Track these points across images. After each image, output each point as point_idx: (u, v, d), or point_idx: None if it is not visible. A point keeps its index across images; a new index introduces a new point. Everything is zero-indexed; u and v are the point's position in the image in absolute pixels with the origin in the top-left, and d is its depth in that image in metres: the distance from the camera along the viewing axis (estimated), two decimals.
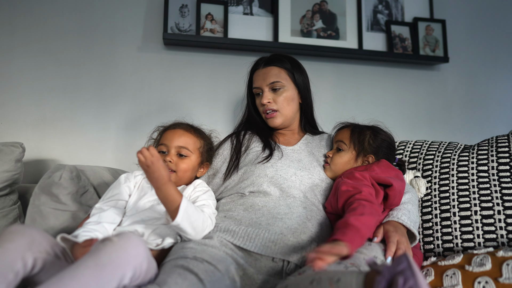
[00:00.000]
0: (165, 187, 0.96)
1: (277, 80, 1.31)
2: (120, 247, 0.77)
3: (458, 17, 2.15)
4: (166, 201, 0.98)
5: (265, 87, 1.32)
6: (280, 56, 1.36)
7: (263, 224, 1.07)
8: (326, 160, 1.29)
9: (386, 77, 2.04)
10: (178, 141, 1.19)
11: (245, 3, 1.88)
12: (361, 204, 1.01)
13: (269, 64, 1.34)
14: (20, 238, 0.83)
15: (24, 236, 0.84)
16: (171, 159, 1.17)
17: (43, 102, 1.72)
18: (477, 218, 1.23)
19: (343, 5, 1.96)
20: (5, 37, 1.72)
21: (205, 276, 0.89)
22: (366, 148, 1.24)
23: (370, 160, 1.24)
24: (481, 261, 0.98)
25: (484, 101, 2.14)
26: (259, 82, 1.34)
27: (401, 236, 1.04)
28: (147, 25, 1.84)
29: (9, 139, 1.63)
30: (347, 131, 1.28)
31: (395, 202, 1.15)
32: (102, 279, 0.73)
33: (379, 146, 1.25)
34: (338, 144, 1.27)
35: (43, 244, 0.86)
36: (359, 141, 1.24)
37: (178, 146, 1.19)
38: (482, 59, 2.16)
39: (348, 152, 1.25)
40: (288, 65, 1.35)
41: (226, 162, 1.32)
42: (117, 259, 0.76)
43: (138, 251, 0.79)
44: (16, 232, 0.84)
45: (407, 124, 2.04)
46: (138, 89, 1.81)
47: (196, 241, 1.03)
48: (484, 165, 1.31)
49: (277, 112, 1.32)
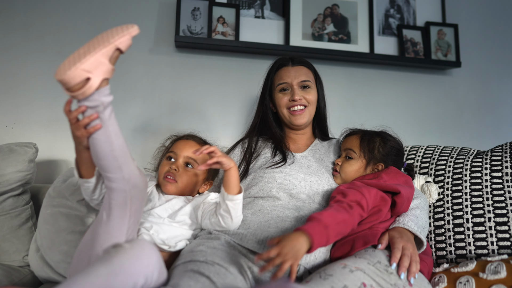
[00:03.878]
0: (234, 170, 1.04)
1: (308, 79, 1.33)
2: (133, 256, 0.76)
3: (471, 22, 2.13)
4: (233, 180, 1.05)
5: (296, 84, 1.32)
6: (304, 59, 1.39)
7: (272, 226, 1.08)
8: (335, 168, 1.27)
9: (397, 81, 2.03)
10: (189, 151, 1.18)
11: (257, 6, 1.89)
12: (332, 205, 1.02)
13: (300, 63, 1.36)
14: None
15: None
16: (177, 167, 1.17)
17: (56, 103, 1.74)
18: (491, 225, 1.22)
19: (354, 9, 1.96)
20: (20, 40, 1.74)
21: (217, 279, 0.89)
22: (376, 156, 1.22)
23: (379, 168, 1.23)
24: (495, 269, 0.97)
25: (496, 106, 2.12)
26: (289, 79, 1.33)
27: (406, 242, 1.01)
28: (159, 28, 1.85)
29: (22, 140, 1.65)
30: (356, 139, 1.25)
31: (402, 209, 1.13)
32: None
33: (388, 153, 1.24)
34: (347, 152, 1.25)
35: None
36: (369, 149, 1.22)
37: (187, 157, 1.18)
38: (495, 64, 2.14)
39: (358, 161, 1.22)
40: (313, 68, 1.39)
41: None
42: (130, 268, 0.74)
43: (150, 261, 0.79)
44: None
45: (418, 129, 2.02)
46: (149, 91, 1.82)
47: (205, 244, 1.03)
48: (498, 171, 1.29)
49: (306, 108, 1.33)
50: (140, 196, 0.92)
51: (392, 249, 1.00)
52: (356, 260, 0.94)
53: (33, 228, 1.41)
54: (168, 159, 1.20)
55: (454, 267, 1.06)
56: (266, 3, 1.90)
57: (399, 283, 0.90)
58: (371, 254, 0.98)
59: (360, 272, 0.88)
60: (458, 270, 1.04)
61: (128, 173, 0.87)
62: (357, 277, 0.87)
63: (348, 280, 0.86)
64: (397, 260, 0.96)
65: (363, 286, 0.85)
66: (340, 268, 0.90)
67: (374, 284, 0.87)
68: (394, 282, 0.89)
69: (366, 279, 0.87)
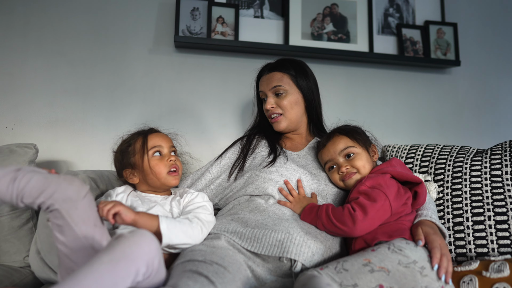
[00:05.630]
0: (136, 222, 0.96)
1: (279, 84, 1.33)
2: (134, 242, 0.77)
3: (470, 21, 2.13)
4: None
5: (268, 91, 1.34)
6: (284, 61, 1.38)
7: (269, 224, 1.08)
8: (348, 171, 1.17)
9: (396, 80, 2.03)
10: (168, 141, 1.22)
11: (256, 6, 1.89)
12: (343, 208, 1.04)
13: (272, 70, 1.36)
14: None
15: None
16: (173, 159, 1.19)
17: (56, 104, 1.74)
18: (491, 224, 1.22)
19: (353, 8, 1.96)
20: (19, 39, 1.74)
21: (216, 278, 0.89)
22: (366, 139, 1.23)
23: (374, 149, 1.23)
24: (498, 268, 0.97)
25: (496, 105, 2.12)
26: (263, 87, 1.37)
27: (442, 239, 0.99)
28: (159, 27, 1.85)
29: (22, 140, 1.65)
30: (342, 138, 1.20)
31: (421, 200, 1.11)
32: (117, 274, 0.73)
33: (364, 134, 1.25)
34: (344, 153, 1.18)
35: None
36: (361, 138, 1.21)
37: (171, 146, 1.22)
38: (494, 62, 2.14)
39: (362, 152, 1.18)
40: (292, 70, 1.35)
41: (231, 165, 1.35)
42: (131, 254, 0.76)
43: (151, 247, 0.79)
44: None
45: (418, 127, 2.03)
46: (149, 91, 1.82)
47: (205, 243, 1.04)
48: (498, 170, 1.30)
49: (281, 116, 1.34)
50: (76, 204, 0.88)
51: (431, 248, 0.96)
52: (387, 256, 0.90)
53: (33, 229, 1.41)
54: (154, 154, 1.18)
55: (457, 266, 1.06)
56: (265, 3, 1.90)
57: (432, 286, 0.85)
58: (412, 250, 0.93)
59: (383, 274, 0.85)
60: (461, 269, 1.04)
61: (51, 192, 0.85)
62: (375, 278, 0.84)
63: (362, 280, 0.84)
64: (438, 261, 0.93)
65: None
66: (361, 264, 0.88)
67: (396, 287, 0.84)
68: (426, 285, 0.85)
69: (386, 282, 0.83)
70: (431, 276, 0.88)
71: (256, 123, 1.49)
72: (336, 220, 1.03)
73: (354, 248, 1.04)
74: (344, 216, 1.02)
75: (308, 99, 1.37)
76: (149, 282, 0.82)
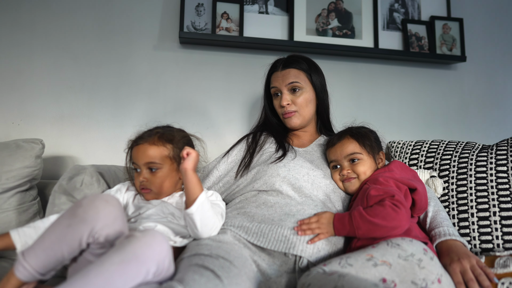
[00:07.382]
0: (187, 175, 1.02)
1: (296, 81, 1.32)
2: (145, 243, 0.78)
3: (476, 16, 2.12)
4: (187, 189, 1.03)
5: (284, 88, 1.33)
6: (297, 58, 1.37)
7: (275, 220, 1.08)
8: (348, 176, 1.19)
9: (402, 76, 2.03)
10: (143, 157, 1.12)
11: (261, 2, 1.88)
12: (386, 205, 1.00)
13: (287, 66, 1.35)
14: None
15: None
16: (144, 177, 1.13)
17: (62, 100, 1.76)
18: (496, 219, 1.22)
19: (359, 3, 1.95)
20: (25, 35, 1.75)
21: (222, 273, 0.89)
22: (374, 146, 1.21)
23: (382, 157, 1.22)
24: (504, 263, 0.98)
25: (502, 100, 2.11)
26: (277, 83, 1.35)
27: (470, 258, 0.98)
28: (163, 23, 1.85)
29: (28, 136, 1.66)
30: (350, 141, 1.20)
31: (422, 206, 1.11)
32: (127, 275, 0.74)
33: (375, 140, 1.23)
34: (349, 157, 1.19)
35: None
36: (369, 143, 1.20)
37: (146, 163, 1.13)
38: (500, 58, 2.13)
39: (367, 158, 1.19)
40: (306, 66, 1.36)
41: (238, 162, 1.35)
42: (142, 255, 0.77)
43: (162, 248, 0.80)
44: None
45: (423, 123, 2.02)
46: (154, 87, 1.83)
47: (211, 238, 1.04)
48: (503, 165, 1.29)
49: (296, 112, 1.34)
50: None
51: (467, 281, 0.95)
52: (387, 251, 0.91)
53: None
54: (134, 170, 1.17)
55: None
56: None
57: (429, 278, 0.87)
58: (408, 244, 0.94)
59: (385, 267, 0.87)
60: None
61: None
62: (378, 272, 0.86)
63: (366, 274, 0.85)
64: None
65: (383, 282, 0.84)
66: (364, 260, 0.89)
67: (397, 280, 0.85)
68: (424, 277, 0.87)
69: (388, 275, 0.85)
70: (428, 268, 0.90)
71: (262, 119, 1.47)
72: (381, 219, 1.00)
73: (355, 245, 1.05)
74: (389, 212, 1.00)
75: (320, 97, 1.38)
76: (158, 279, 0.83)
